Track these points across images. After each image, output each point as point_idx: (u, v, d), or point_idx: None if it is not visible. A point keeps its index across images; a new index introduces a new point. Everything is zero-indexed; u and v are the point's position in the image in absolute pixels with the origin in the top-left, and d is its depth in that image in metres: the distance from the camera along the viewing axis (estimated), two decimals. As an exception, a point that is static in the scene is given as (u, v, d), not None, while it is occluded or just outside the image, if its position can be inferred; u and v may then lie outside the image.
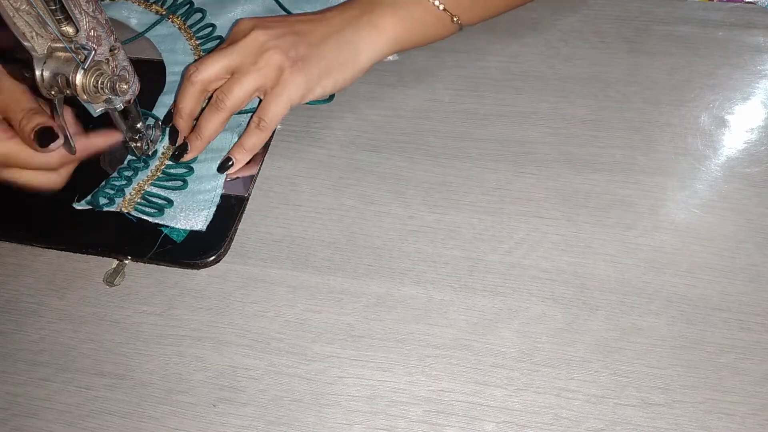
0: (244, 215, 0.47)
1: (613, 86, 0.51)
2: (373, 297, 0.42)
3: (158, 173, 0.49)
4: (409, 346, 0.40)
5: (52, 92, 0.40)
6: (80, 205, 0.47)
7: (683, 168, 0.46)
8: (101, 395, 0.40)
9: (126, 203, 0.47)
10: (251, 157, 0.48)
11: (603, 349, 0.39)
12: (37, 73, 0.39)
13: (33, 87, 0.39)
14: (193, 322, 0.43)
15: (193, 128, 0.49)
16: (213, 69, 0.46)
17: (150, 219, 0.46)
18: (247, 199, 0.47)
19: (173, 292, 0.44)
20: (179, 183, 0.48)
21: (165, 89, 0.54)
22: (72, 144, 0.43)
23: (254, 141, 0.48)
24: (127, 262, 0.45)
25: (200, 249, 0.45)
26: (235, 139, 0.49)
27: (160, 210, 0.46)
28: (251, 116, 0.48)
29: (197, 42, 0.57)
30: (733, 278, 0.41)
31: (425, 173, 0.48)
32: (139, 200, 0.47)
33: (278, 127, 0.51)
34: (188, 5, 0.59)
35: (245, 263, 0.45)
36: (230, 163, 0.48)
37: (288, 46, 0.46)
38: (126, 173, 0.48)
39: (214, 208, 0.46)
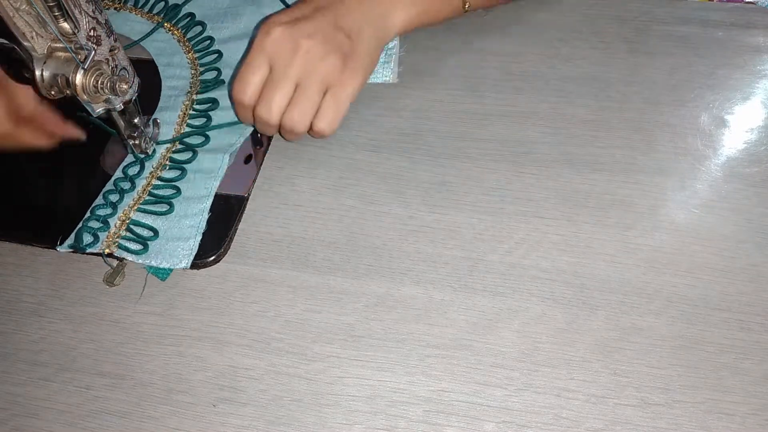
0: (244, 215, 0.47)
1: (613, 86, 0.51)
2: (373, 297, 0.42)
3: (145, 195, 0.48)
4: (409, 346, 0.40)
5: (52, 92, 0.40)
6: (63, 248, 0.45)
7: (683, 168, 0.46)
8: (101, 395, 0.40)
9: (111, 238, 0.45)
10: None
11: (603, 349, 0.39)
12: (37, 73, 0.39)
13: (33, 87, 0.39)
14: (193, 322, 0.43)
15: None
16: (275, 101, 0.45)
17: (134, 259, 0.44)
18: (247, 199, 0.47)
19: (173, 292, 0.44)
20: (165, 207, 0.47)
21: (160, 105, 0.53)
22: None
23: (319, 137, 0.47)
24: (127, 262, 0.45)
25: (200, 249, 0.45)
26: (227, 160, 0.48)
27: (145, 246, 0.45)
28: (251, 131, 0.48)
29: (195, 56, 0.56)
30: (733, 278, 0.41)
31: (425, 173, 0.48)
32: (123, 233, 0.45)
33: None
34: (189, 17, 0.58)
35: (245, 263, 0.45)
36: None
37: (336, 46, 0.45)
38: (111, 198, 0.47)
39: (200, 237, 0.45)
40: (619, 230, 0.44)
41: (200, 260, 0.44)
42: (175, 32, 0.58)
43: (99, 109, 0.43)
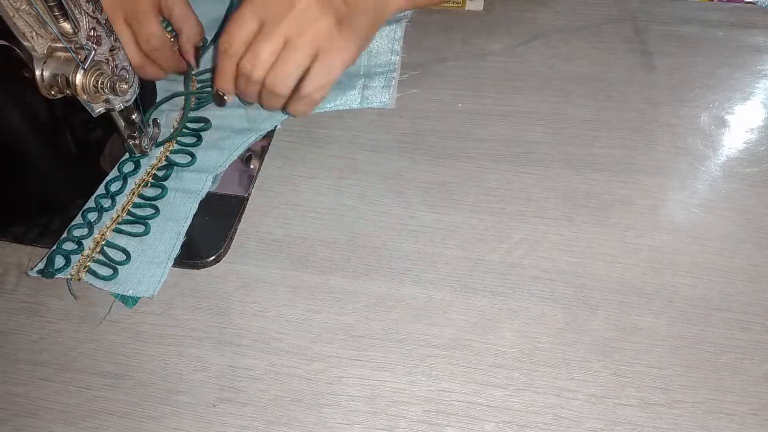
0: (244, 215, 0.47)
1: (613, 86, 0.51)
2: (373, 297, 0.42)
3: (124, 214, 0.46)
4: (409, 346, 0.40)
5: (52, 92, 0.40)
6: (32, 273, 0.44)
7: (683, 168, 0.46)
8: (101, 395, 0.40)
9: (82, 262, 0.44)
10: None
11: (603, 349, 0.39)
12: (37, 73, 0.39)
13: (33, 87, 0.39)
14: (193, 322, 0.43)
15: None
16: (262, 54, 0.43)
17: (101, 286, 0.43)
18: (247, 199, 0.47)
19: (173, 292, 0.44)
20: (141, 228, 0.45)
21: (157, 101, 0.53)
22: None
23: (302, 110, 0.46)
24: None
25: (200, 249, 0.45)
26: (210, 182, 0.47)
27: (115, 271, 0.43)
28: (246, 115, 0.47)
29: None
30: (733, 278, 0.41)
31: (425, 173, 0.48)
32: (96, 256, 0.44)
33: (278, 126, 0.51)
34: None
35: (245, 263, 0.45)
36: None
37: (333, 10, 0.42)
38: (90, 216, 0.46)
39: (171, 263, 0.43)
40: (619, 230, 0.44)
41: (200, 260, 0.44)
42: None
43: (99, 109, 0.43)
